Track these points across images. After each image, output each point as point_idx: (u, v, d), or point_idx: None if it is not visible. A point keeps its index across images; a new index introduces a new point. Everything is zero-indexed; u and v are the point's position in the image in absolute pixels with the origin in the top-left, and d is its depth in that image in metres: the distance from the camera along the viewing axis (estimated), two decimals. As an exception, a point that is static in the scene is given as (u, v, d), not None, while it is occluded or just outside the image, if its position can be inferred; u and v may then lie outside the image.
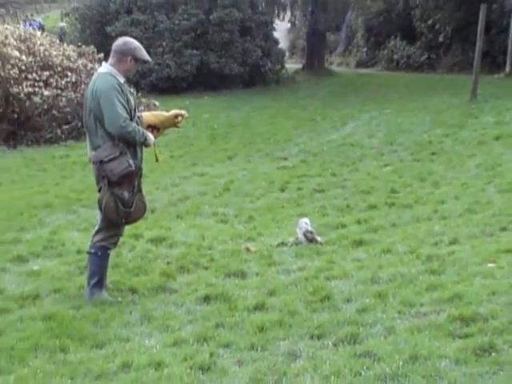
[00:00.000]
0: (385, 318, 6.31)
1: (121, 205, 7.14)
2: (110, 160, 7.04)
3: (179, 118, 7.96)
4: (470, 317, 6.05)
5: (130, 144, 7.17)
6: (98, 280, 7.30)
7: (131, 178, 7.18)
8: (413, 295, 6.81)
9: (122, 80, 7.22)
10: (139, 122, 7.39)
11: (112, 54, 7.34)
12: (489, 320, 5.97)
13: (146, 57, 7.45)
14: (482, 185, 11.44)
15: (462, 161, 13.47)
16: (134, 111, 7.31)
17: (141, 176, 7.61)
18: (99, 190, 7.31)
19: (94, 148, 7.23)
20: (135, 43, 7.40)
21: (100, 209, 7.28)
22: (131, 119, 7.16)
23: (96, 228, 7.48)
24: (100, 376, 5.49)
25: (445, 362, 5.28)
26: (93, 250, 7.35)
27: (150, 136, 7.35)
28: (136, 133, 7.11)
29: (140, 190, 7.55)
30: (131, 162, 7.08)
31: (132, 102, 7.27)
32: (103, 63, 7.56)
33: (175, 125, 8.13)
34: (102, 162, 7.08)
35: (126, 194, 7.14)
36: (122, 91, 7.12)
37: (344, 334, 5.98)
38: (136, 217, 7.48)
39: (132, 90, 7.37)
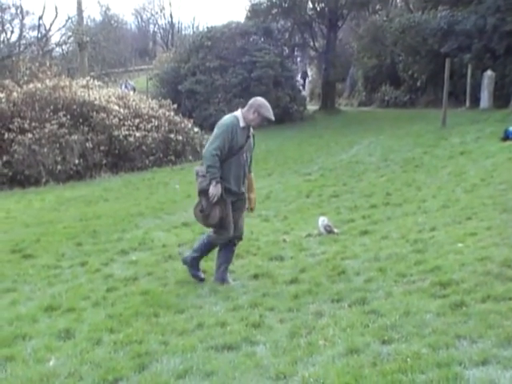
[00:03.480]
0: (385, 286, 6.29)
1: (199, 210, 6.97)
2: (201, 176, 6.86)
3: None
4: (446, 282, 6.03)
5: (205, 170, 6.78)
6: (196, 256, 7.20)
7: (206, 194, 6.79)
8: (404, 268, 6.77)
9: (241, 124, 6.89)
10: (246, 164, 7.07)
11: (246, 106, 7.03)
12: (460, 284, 5.94)
13: (267, 114, 6.92)
14: (452, 187, 11.34)
15: (437, 170, 13.37)
16: (240, 148, 6.90)
17: (243, 200, 7.19)
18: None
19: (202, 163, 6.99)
20: (264, 103, 6.98)
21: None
22: (234, 154, 6.86)
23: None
24: (182, 333, 5.52)
25: (429, 315, 5.26)
26: (205, 240, 7.20)
27: (217, 189, 6.74)
28: (210, 166, 6.70)
29: (225, 209, 6.93)
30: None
31: (239, 141, 6.87)
32: (238, 110, 7.13)
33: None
34: (197, 174, 6.94)
35: (204, 203, 6.85)
36: (232, 131, 6.82)
37: (355, 298, 5.98)
38: (210, 224, 7.03)
39: (252, 133, 6.96)
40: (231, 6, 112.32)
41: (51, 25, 39.49)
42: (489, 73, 25.02)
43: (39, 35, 35.88)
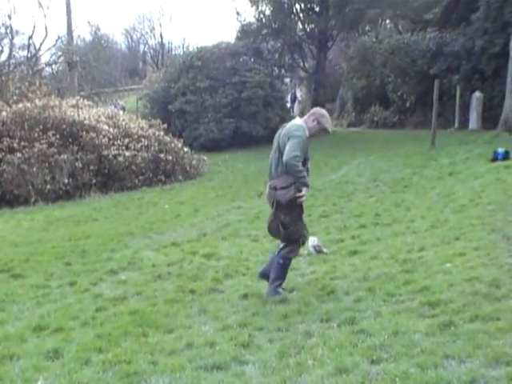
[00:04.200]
0: (374, 306, 6.31)
1: (281, 226, 6.94)
2: (282, 188, 6.83)
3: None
4: (434, 302, 6.05)
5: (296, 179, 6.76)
6: (280, 283, 7.10)
7: (294, 205, 6.89)
8: (393, 288, 6.79)
9: (307, 134, 6.96)
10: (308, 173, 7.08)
11: (306, 115, 7.19)
12: (448, 304, 5.97)
13: (326, 125, 7.08)
14: (440, 208, 11.39)
15: (425, 191, 13.43)
16: (308, 159, 7.09)
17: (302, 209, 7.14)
18: (274, 217, 7.02)
19: (273, 178, 6.97)
20: (325, 114, 7.14)
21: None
22: (304, 165, 6.90)
23: (282, 244, 7.13)
24: (171, 352, 5.52)
25: (417, 335, 5.28)
26: (281, 260, 7.03)
27: (306, 190, 6.86)
28: (300, 171, 6.72)
29: (301, 219, 7.09)
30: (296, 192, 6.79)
31: (307, 151, 7.02)
32: (297, 118, 7.34)
33: None
34: (275, 189, 6.88)
35: (287, 219, 6.89)
36: (305, 142, 6.90)
37: (344, 318, 5.99)
38: (294, 237, 7.02)
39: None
40: (221, 26, 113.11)
41: (41, 44, 39.46)
42: (477, 94, 25.24)
43: (29, 55, 36.02)
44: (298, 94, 44.48)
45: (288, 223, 6.91)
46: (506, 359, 4.63)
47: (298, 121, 7.17)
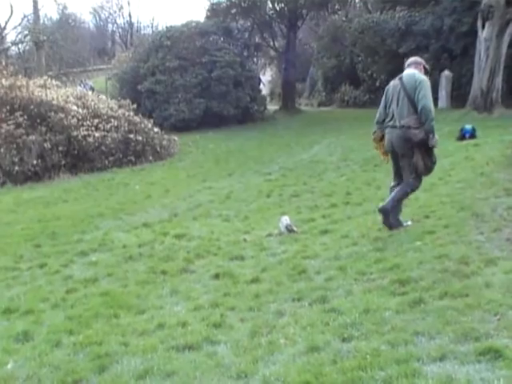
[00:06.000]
0: (345, 284, 6.34)
1: (411, 161, 7.96)
2: (415, 128, 7.78)
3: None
4: (405, 280, 6.09)
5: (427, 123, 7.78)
6: (398, 215, 8.20)
7: (424, 144, 7.88)
8: (364, 267, 6.83)
9: None
10: None
11: (411, 65, 8.22)
12: (418, 281, 6.01)
13: (427, 66, 8.42)
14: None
15: (396, 170, 13.49)
16: None
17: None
18: (402, 154, 8.07)
19: (403, 118, 7.90)
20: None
21: (409, 165, 8.02)
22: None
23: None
24: (142, 333, 5.51)
25: (388, 312, 5.31)
26: (408, 189, 8.21)
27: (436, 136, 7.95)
28: (432, 119, 7.79)
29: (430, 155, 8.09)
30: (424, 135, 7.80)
31: None
32: (407, 70, 8.19)
33: None
34: (409, 128, 7.80)
35: (426, 156, 7.98)
36: None
37: (316, 297, 6.01)
38: (426, 173, 8.24)
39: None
40: (190, 5, 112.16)
41: (6, 23, 38.93)
42: (446, 73, 25.40)
43: (-6, 34, 35.40)
44: (269, 73, 44.29)
45: (416, 160, 7.92)
46: (475, 335, 4.68)
47: (413, 71, 8.12)
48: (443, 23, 26.57)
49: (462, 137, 16.09)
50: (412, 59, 8.35)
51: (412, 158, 7.97)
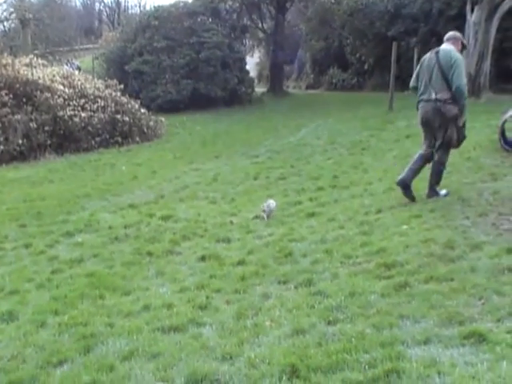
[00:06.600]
0: (331, 267, 6.37)
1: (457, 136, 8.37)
2: (450, 103, 8.15)
3: None
4: (391, 263, 6.14)
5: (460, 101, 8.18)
6: (437, 185, 8.71)
7: (456, 119, 8.25)
8: (351, 250, 6.87)
9: None
10: None
11: (449, 40, 8.47)
12: (404, 265, 6.06)
13: (465, 42, 8.84)
14: (398, 170, 11.42)
15: (383, 153, 13.54)
16: None
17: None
18: (439, 125, 8.39)
19: (437, 93, 8.24)
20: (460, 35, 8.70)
21: (443, 137, 8.41)
22: None
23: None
24: (128, 315, 5.53)
25: (374, 296, 5.36)
26: (441, 167, 8.67)
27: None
28: (465, 98, 8.21)
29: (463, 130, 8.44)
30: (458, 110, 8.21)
31: None
32: (445, 45, 8.44)
33: None
34: (445, 102, 8.15)
35: (458, 129, 8.32)
36: None
37: (302, 280, 6.04)
38: (458, 146, 8.67)
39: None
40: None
41: (-9, 0, 38.43)
42: (435, 57, 25.39)
43: (-22, 11, 35.03)
44: (257, 55, 44.08)
45: (450, 133, 8.33)
46: (459, 319, 4.73)
47: (450, 47, 8.37)
48: (432, 6, 26.56)
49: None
50: (451, 34, 8.61)
51: (447, 130, 8.36)
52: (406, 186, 8.66)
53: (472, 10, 23.18)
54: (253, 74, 36.37)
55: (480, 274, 5.64)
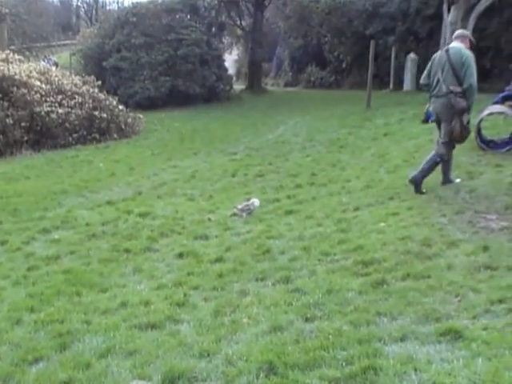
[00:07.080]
0: (309, 264, 6.38)
1: (460, 129, 8.57)
2: (460, 97, 8.43)
3: None
4: (368, 261, 6.16)
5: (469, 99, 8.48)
6: (447, 174, 9.02)
7: (464, 114, 8.51)
8: (328, 247, 6.88)
9: None
10: None
11: (458, 38, 8.86)
12: (381, 263, 6.09)
13: (472, 39, 9.04)
14: (375, 168, 11.55)
15: (361, 151, 13.58)
16: None
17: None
18: (445, 119, 8.73)
19: (447, 87, 8.55)
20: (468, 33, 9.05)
21: (447, 127, 8.73)
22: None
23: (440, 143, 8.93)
24: (105, 312, 5.49)
25: (351, 293, 5.38)
26: (438, 159, 8.86)
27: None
28: (475, 95, 8.49)
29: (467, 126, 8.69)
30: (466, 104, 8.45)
31: None
32: (454, 43, 8.85)
33: None
34: (456, 94, 8.43)
35: (463, 121, 8.53)
36: None
37: (280, 277, 6.05)
38: (461, 141, 8.88)
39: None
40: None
41: (-34, -5, 38.01)
42: (412, 56, 25.53)
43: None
44: (235, 52, 44.01)
45: (454, 124, 8.56)
46: (436, 316, 4.75)
47: (459, 45, 8.72)
48: (410, 6, 26.67)
49: (426, 120, 16.17)
50: (459, 32, 9.03)
51: (451, 122, 8.62)
52: (416, 183, 8.86)
53: (449, 10, 23.32)
54: (231, 71, 36.33)
55: (456, 272, 5.68)
